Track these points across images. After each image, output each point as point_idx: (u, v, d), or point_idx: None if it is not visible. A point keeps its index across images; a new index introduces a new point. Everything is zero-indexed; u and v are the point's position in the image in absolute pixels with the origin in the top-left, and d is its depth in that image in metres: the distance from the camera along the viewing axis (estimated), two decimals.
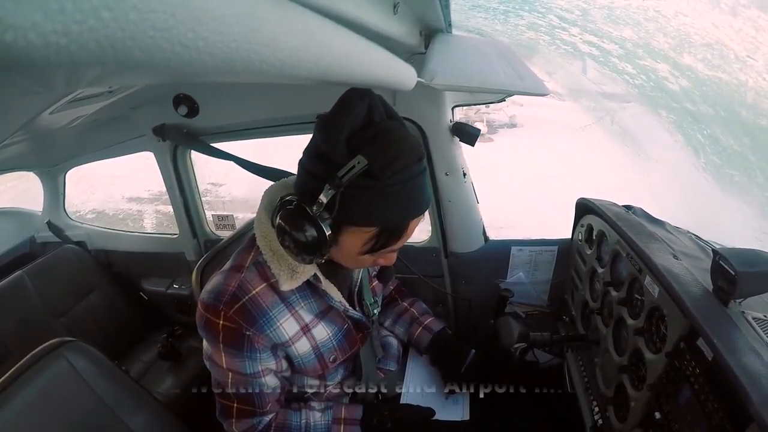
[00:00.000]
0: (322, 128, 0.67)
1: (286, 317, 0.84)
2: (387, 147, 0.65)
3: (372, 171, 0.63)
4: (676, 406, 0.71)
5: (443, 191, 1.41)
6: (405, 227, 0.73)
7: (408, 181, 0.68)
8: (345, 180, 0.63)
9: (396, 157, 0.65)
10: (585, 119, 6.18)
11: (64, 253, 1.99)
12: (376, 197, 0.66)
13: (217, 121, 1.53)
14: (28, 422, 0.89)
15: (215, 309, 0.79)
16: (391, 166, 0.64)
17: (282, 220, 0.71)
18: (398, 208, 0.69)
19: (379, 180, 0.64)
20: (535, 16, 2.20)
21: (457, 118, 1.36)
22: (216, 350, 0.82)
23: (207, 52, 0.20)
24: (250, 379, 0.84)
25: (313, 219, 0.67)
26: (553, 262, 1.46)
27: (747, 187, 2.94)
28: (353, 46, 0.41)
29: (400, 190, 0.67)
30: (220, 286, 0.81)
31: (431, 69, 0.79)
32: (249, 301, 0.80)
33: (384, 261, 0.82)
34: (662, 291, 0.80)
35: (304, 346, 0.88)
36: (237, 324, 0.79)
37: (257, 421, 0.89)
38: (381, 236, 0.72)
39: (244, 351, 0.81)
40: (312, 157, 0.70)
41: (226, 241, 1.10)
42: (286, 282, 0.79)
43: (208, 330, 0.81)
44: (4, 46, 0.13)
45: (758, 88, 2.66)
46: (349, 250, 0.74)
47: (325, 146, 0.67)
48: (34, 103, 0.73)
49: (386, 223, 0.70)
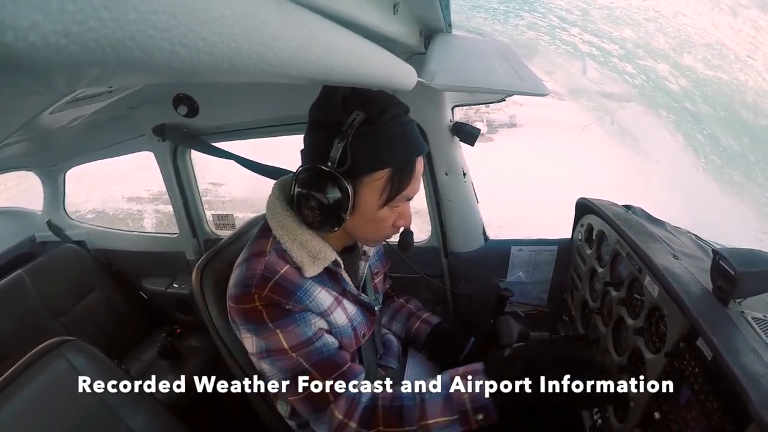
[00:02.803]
0: (317, 105, 0.77)
1: (319, 290, 0.84)
2: (378, 99, 0.74)
3: (371, 118, 0.72)
4: (675, 406, 0.71)
5: (443, 191, 1.41)
6: (413, 166, 0.79)
7: (404, 125, 0.77)
8: (350, 131, 0.71)
9: (388, 105, 0.74)
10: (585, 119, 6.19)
11: (64, 253, 1.98)
12: (380, 139, 0.74)
13: (216, 121, 1.53)
14: (27, 422, 0.89)
15: (248, 294, 0.77)
16: (386, 112, 0.73)
17: (301, 187, 0.75)
18: (402, 145, 0.77)
19: (379, 124, 0.73)
20: (535, 16, 2.20)
21: (457, 118, 1.36)
22: (269, 335, 0.78)
23: (207, 52, 0.20)
24: (315, 341, 0.80)
25: (331, 174, 0.73)
26: (553, 262, 1.46)
27: (747, 187, 2.94)
28: (353, 46, 0.41)
29: (400, 131, 0.76)
30: (245, 274, 0.80)
31: (431, 69, 0.79)
32: (280, 279, 0.79)
33: (402, 220, 0.86)
34: (662, 291, 0.80)
35: (341, 316, 0.88)
36: (275, 300, 0.77)
37: (356, 393, 0.82)
38: (394, 179, 0.77)
39: (295, 315, 0.79)
40: (313, 131, 0.78)
41: (226, 241, 1.10)
42: (310, 268, 0.80)
43: (251, 318, 0.78)
44: (5, 46, 0.13)
45: (758, 88, 2.66)
46: (368, 206, 0.78)
47: (324, 115, 0.75)
48: (34, 103, 0.73)
49: (395, 162, 0.76)
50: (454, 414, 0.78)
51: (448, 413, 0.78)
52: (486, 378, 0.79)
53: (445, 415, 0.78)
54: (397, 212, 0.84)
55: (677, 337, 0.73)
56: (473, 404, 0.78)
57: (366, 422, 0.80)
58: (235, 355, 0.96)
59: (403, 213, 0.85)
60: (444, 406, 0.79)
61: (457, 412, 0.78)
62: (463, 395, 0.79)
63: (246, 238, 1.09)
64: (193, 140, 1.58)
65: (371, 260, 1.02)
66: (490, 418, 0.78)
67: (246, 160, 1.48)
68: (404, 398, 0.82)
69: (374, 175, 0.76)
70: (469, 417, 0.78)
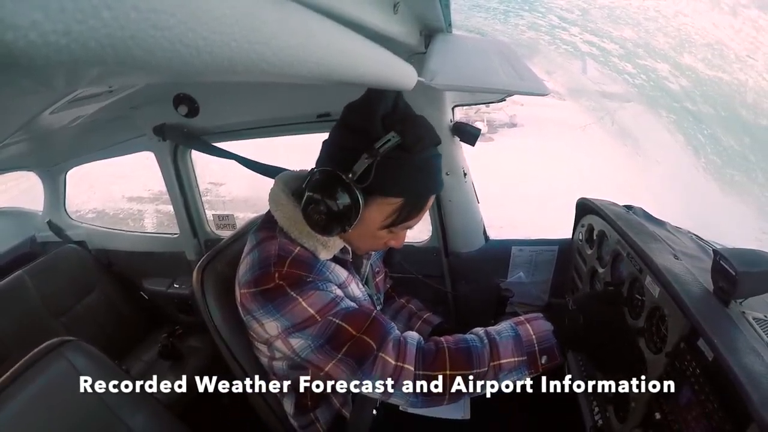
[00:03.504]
0: (356, 109, 0.76)
1: (334, 266, 0.85)
2: (416, 126, 0.74)
3: (404, 145, 0.72)
4: (676, 406, 0.71)
5: (444, 191, 1.40)
6: (425, 202, 0.80)
7: (432, 158, 0.77)
8: (382, 151, 0.70)
9: (423, 135, 0.74)
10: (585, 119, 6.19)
11: (64, 253, 1.98)
12: (405, 169, 0.74)
13: (217, 121, 1.53)
14: (28, 422, 0.89)
15: (267, 275, 0.76)
16: (420, 142, 0.73)
17: (314, 187, 0.74)
18: (423, 181, 0.77)
19: (410, 153, 0.72)
20: (535, 15, 2.20)
21: (457, 118, 1.36)
22: (292, 307, 0.75)
23: (207, 51, 0.20)
24: (339, 302, 0.79)
25: (348, 186, 0.72)
26: (554, 262, 1.46)
27: (747, 187, 2.94)
28: (353, 45, 0.41)
29: (426, 165, 0.76)
30: (260, 257, 0.79)
31: (431, 69, 0.79)
32: (296, 256, 0.79)
33: (395, 242, 0.86)
34: (663, 291, 0.80)
35: (355, 290, 0.89)
36: (295, 275, 0.77)
37: (399, 334, 0.81)
38: (404, 209, 0.77)
39: (317, 283, 0.78)
40: (346, 133, 0.76)
41: (227, 241, 1.10)
42: (323, 251, 0.81)
43: (272, 297, 0.75)
44: (4, 45, 0.13)
45: (758, 88, 2.66)
46: (371, 223, 0.78)
47: (361, 122, 0.74)
48: (34, 103, 0.73)
49: (411, 195, 0.77)
50: (522, 355, 0.79)
51: (518, 354, 0.79)
52: (550, 322, 0.82)
53: (516, 355, 0.79)
54: (394, 236, 0.84)
55: (678, 338, 0.73)
56: (540, 345, 0.80)
57: (427, 365, 0.77)
58: (236, 355, 0.96)
59: (399, 238, 0.86)
60: (515, 346, 0.79)
61: (525, 353, 0.79)
62: (532, 336, 0.80)
63: (246, 238, 1.09)
64: (194, 140, 1.58)
65: (372, 258, 1.03)
66: (554, 360, 0.80)
67: (246, 159, 1.49)
68: (469, 341, 0.81)
69: (388, 199, 0.76)
70: (537, 358, 0.79)
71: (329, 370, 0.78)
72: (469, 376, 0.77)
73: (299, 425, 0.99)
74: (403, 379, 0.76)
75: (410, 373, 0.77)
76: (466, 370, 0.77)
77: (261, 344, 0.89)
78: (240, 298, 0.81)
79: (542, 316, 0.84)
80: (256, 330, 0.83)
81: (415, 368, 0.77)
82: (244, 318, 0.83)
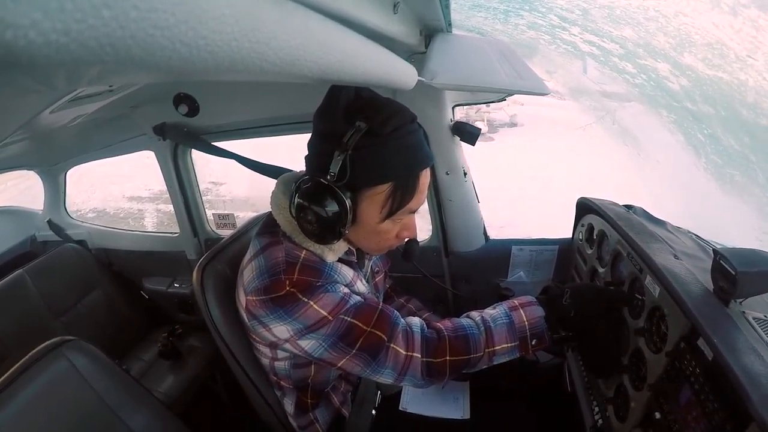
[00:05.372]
0: (320, 113, 0.75)
1: (341, 266, 0.85)
2: (380, 109, 0.72)
3: (372, 130, 0.70)
4: (676, 406, 0.71)
5: (444, 190, 1.40)
6: (416, 181, 0.77)
7: (407, 135, 0.74)
8: (350, 143, 0.69)
9: (390, 115, 0.71)
10: (585, 118, 6.19)
11: (64, 252, 1.98)
12: (381, 152, 0.72)
13: (217, 120, 1.53)
14: (28, 421, 0.89)
15: (278, 282, 0.76)
16: (388, 123, 0.71)
17: (300, 199, 0.74)
18: (404, 158, 0.74)
19: (380, 136, 0.71)
20: (535, 15, 2.20)
21: (457, 118, 1.36)
22: (304, 311, 0.76)
23: (207, 50, 0.20)
24: (348, 300, 0.80)
25: (330, 187, 0.71)
26: (554, 262, 1.46)
27: (747, 187, 2.94)
28: (353, 45, 0.41)
29: (402, 142, 0.73)
30: (267, 263, 0.79)
31: (431, 68, 0.79)
32: (304, 261, 0.79)
33: (407, 231, 0.85)
34: (663, 291, 0.80)
35: (361, 286, 0.90)
36: (306, 281, 0.77)
37: (405, 324, 0.84)
38: (396, 193, 0.75)
39: (326, 285, 0.79)
40: (316, 139, 0.76)
41: (227, 240, 1.10)
42: (329, 254, 0.81)
43: (283, 303, 0.76)
44: (4, 44, 0.13)
45: (759, 88, 2.66)
46: (369, 219, 0.78)
47: (325, 124, 0.73)
48: (34, 102, 0.73)
49: (398, 177, 0.75)
50: (515, 340, 0.85)
51: (511, 339, 0.85)
52: (542, 307, 0.87)
53: (509, 341, 0.85)
54: (401, 224, 0.83)
55: (678, 337, 0.73)
56: (531, 330, 0.85)
57: (432, 352, 0.83)
58: (236, 354, 0.96)
59: (408, 225, 0.84)
60: (508, 332, 0.85)
61: (517, 338, 0.85)
62: (524, 323, 0.86)
63: (247, 237, 1.09)
64: (194, 139, 1.58)
65: (373, 258, 1.03)
66: (543, 343, 0.86)
67: (247, 159, 1.48)
68: (467, 328, 0.86)
69: (374, 189, 0.74)
70: (528, 342, 0.85)
71: (343, 365, 0.81)
72: (467, 360, 0.84)
73: (299, 425, 0.99)
74: (412, 366, 0.82)
75: (418, 361, 0.82)
76: (464, 356, 0.84)
77: (264, 346, 0.89)
78: (246, 304, 0.80)
79: (535, 301, 0.89)
80: (261, 334, 0.82)
81: (422, 356, 0.82)
82: (249, 322, 0.82)
